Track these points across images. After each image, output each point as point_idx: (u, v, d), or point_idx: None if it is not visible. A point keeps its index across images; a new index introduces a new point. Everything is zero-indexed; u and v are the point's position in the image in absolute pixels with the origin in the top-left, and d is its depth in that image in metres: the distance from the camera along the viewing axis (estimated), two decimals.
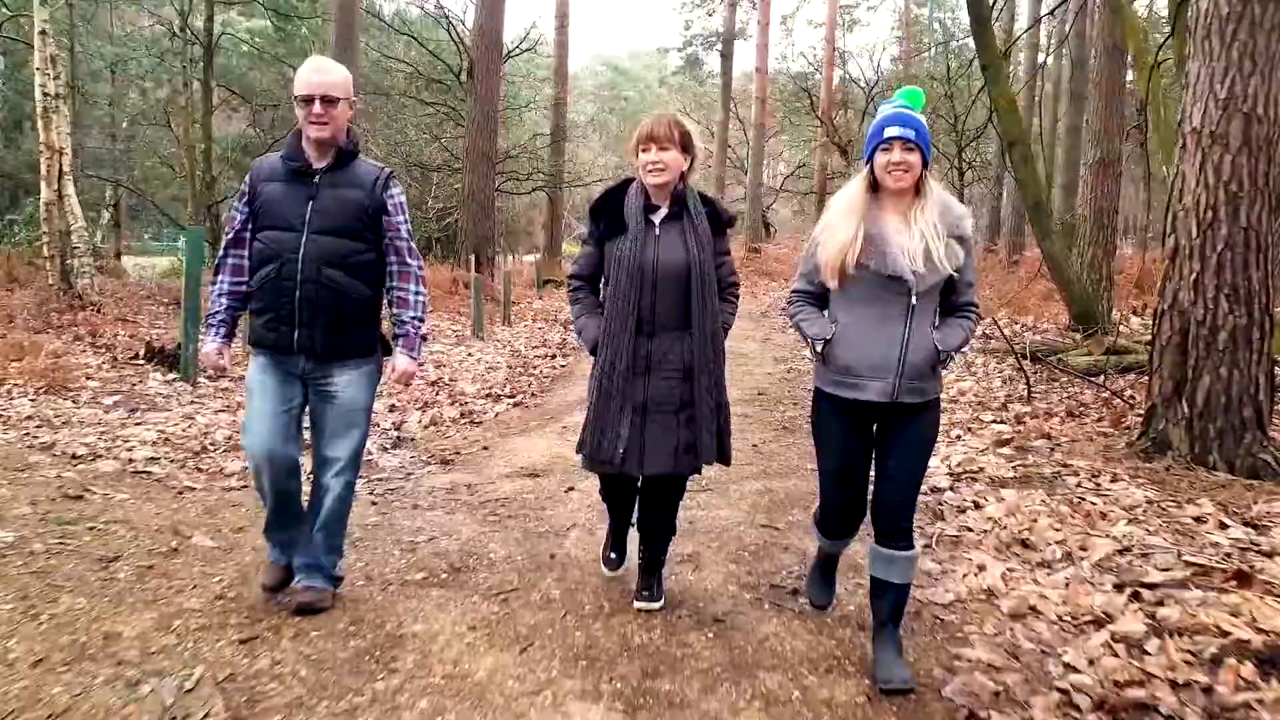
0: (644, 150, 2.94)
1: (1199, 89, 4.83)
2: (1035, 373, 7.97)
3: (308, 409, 3.10)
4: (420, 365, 3.22)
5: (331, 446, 3.07)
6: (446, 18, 18.01)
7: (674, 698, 2.58)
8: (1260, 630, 2.89)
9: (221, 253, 3.05)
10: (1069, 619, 3.12)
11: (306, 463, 3.17)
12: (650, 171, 2.94)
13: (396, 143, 20.47)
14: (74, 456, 4.98)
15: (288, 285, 2.90)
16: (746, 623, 3.11)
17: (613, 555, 3.44)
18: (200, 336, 5.39)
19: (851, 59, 34.31)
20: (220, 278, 3.05)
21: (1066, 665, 2.78)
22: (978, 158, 22.73)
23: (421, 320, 3.14)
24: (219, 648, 2.80)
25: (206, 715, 2.42)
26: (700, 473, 3.11)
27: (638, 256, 2.94)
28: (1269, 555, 3.58)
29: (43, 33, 11.35)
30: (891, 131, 2.62)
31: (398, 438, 5.96)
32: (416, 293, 3.11)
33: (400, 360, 3.11)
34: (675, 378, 2.97)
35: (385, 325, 3.23)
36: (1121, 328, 9.87)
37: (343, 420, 3.05)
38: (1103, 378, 7.24)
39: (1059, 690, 2.63)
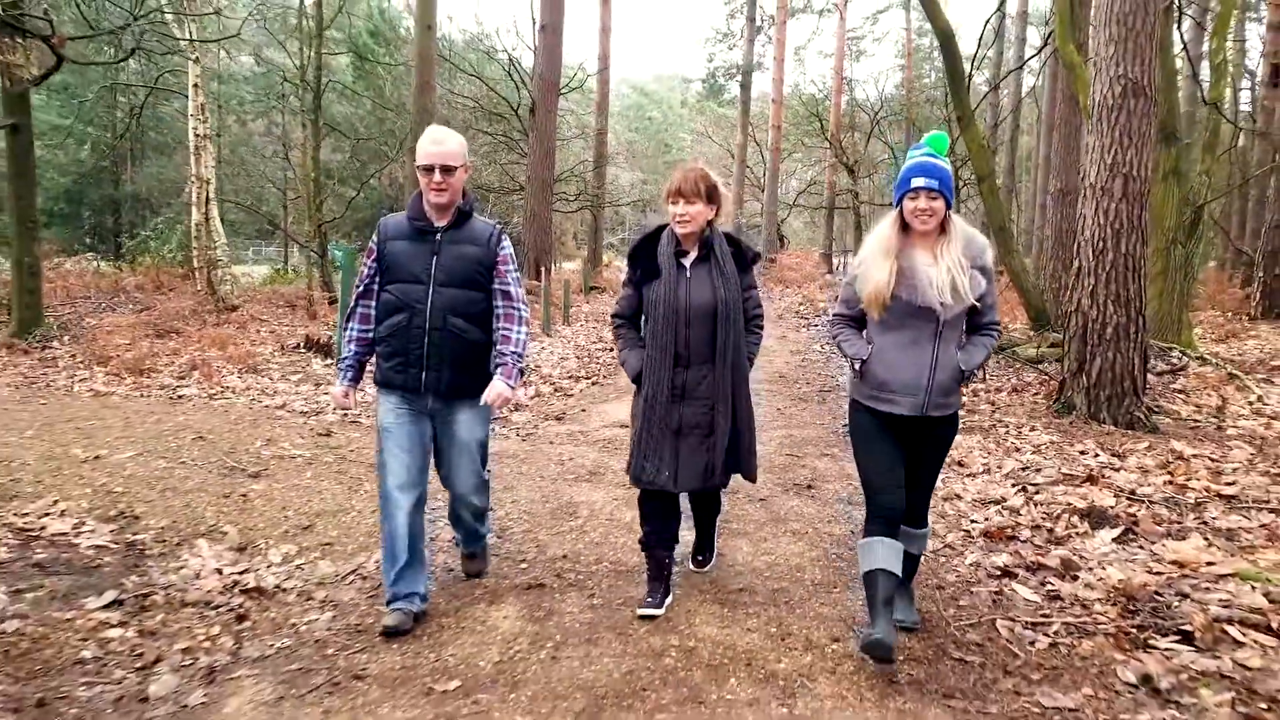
0: (673, 203, 3.07)
1: (1094, 155, 6.40)
2: (995, 362, 9.55)
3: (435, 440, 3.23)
4: (514, 391, 3.21)
5: (457, 480, 3.24)
6: (509, 57, 19.84)
7: (738, 531, 4.25)
8: (1090, 503, 4.53)
9: (353, 303, 3.18)
10: (979, 501, 4.76)
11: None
12: (678, 222, 3.08)
13: None
14: (302, 412, 6.71)
15: (417, 332, 3.03)
16: (779, 501, 4.78)
17: (650, 599, 3.20)
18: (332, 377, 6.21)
19: (858, 85, 35.84)
20: (351, 325, 3.17)
21: (971, 521, 4.44)
22: (974, 176, 24.00)
23: (520, 355, 3.14)
24: None
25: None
26: (726, 485, 3.26)
27: (671, 298, 3.08)
28: (1116, 470, 5.21)
29: (195, 85, 13.09)
30: (918, 182, 2.74)
31: (515, 404, 7.68)
32: (519, 332, 3.15)
33: (497, 384, 3.08)
34: (705, 405, 3.11)
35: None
36: None
37: (464, 454, 3.20)
38: (1043, 364, 8.82)
39: (964, 530, 4.29)
